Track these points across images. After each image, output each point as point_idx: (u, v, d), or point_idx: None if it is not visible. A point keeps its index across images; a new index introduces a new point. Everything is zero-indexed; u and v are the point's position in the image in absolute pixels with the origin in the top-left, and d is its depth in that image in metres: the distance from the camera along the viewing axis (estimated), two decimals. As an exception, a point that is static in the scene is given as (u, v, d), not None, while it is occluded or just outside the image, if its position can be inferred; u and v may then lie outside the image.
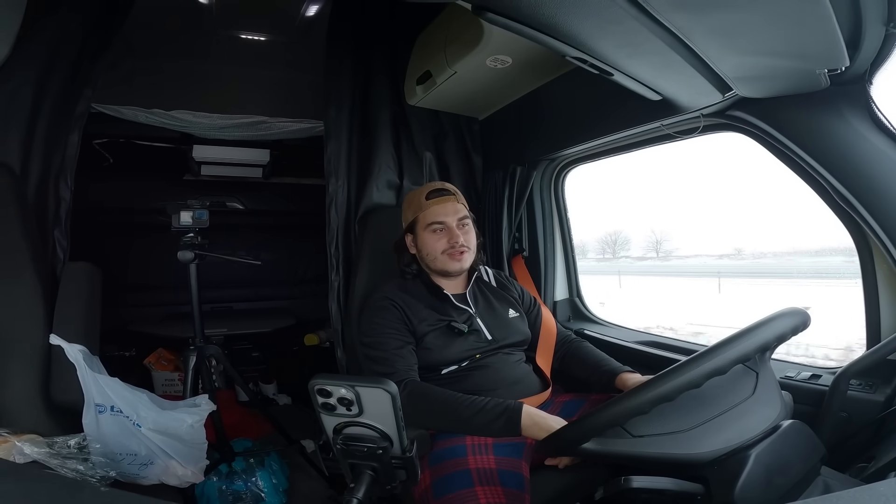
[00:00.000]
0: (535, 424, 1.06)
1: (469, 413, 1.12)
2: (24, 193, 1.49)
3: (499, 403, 1.12)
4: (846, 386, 1.05)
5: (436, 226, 1.40)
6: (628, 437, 0.81)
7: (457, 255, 1.39)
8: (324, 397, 0.64)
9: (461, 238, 1.39)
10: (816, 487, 0.79)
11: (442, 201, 1.41)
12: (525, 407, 1.09)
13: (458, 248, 1.38)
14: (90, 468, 1.22)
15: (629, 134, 1.55)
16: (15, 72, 1.49)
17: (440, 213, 1.40)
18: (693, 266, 8.25)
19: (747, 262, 7.61)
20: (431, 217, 1.40)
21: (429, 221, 1.40)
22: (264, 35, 2.31)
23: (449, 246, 1.39)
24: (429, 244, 1.41)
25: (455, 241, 1.38)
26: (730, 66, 1.00)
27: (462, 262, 1.40)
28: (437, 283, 1.44)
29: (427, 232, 1.41)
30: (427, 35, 1.81)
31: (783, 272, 6.66)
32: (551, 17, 0.87)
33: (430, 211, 1.41)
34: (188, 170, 2.94)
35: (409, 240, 1.46)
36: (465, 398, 1.15)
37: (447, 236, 1.39)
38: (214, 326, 2.54)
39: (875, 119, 1.03)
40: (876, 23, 0.88)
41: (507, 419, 1.08)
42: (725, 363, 0.76)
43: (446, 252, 1.39)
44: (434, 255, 1.40)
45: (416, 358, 1.30)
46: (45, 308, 1.40)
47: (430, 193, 1.43)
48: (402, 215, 1.50)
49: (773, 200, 5.93)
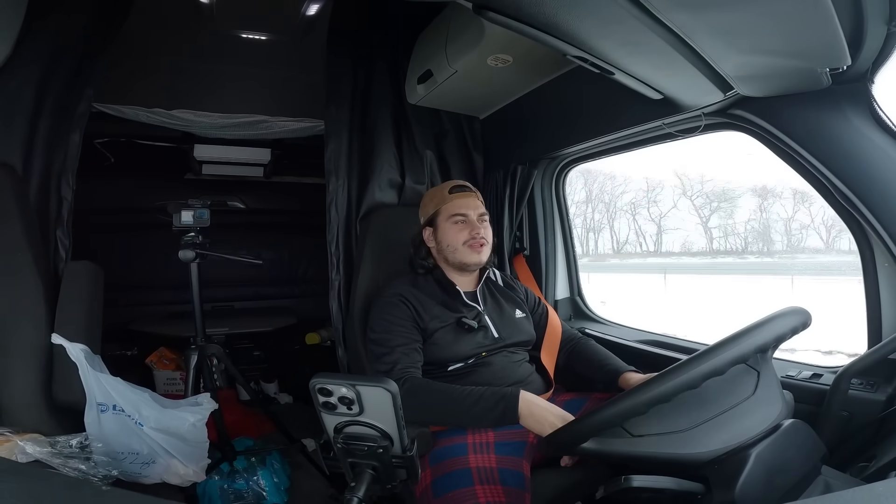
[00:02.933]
0: (531, 415, 1.06)
1: (467, 403, 1.12)
2: (26, 193, 1.49)
3: (496, 392, 1.12)
4: (847, 385, 1.04)
5: (458, 217, 1.43)
6: (628, 436, 0.82)
7: (477, 247, 1.41)
8: (324, 396, 0.64)
9: (482, 231, 1.42)
10: (817, 487, 0.78)
11: (464, 196, 1.45)
12: (523, 393, 1.09)
13: (478, 240, 1.41)
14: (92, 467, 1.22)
15: (630, 133, 1.55)
16: (16, 72, 1.49)
17: (462, 206, 1.43)
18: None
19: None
20: (454, 209, 1.43)
21: (451, 213, 1.43)
22: (265, 34, 2.30)
23: (470, 237, 1.41)
24: (451, 235, 1.43)
25: (476, 232, 1.41)
26: (731, 65, 1.00)
27: (481, 255, 1.42)
28: (451, 278, 1.45)
29: (449, 223, 1.43)
30: (428, 34, 1.81)
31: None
32: (552, 16, 0.87)
33: (452, 203, 1.44)
34: (189, 169, 2.94)
35: (428, 233, 1.48)
36: (463, 389, 1.15)
37: (469, 228, 1.42)
38: (216, 325, 2.54)
39: (877, 118, 1.03)
40: (878, 21, 0.88)
41: (505, 406, 1.08)
42: (724, 363, 0.76)
43: (467, 243, 1.41)
44: (455, 245, 1.42)
45: (421, 356, 1.30)
46: (46, 307, 1.40)
47: (454, 188, 1.47)
48: (421, 210, 1.52)
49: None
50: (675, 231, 10.40)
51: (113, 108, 2.16)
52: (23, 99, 1.50)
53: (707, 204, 9.25)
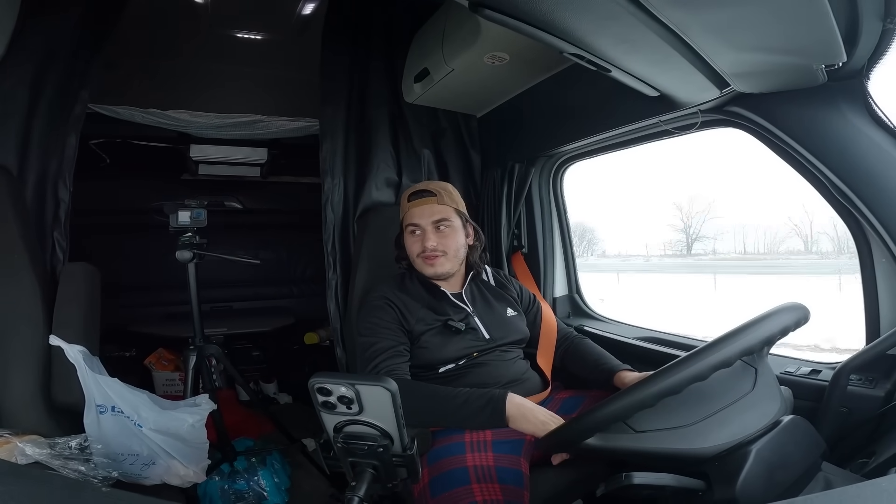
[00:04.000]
0: (522, 416, 1.06)
1: (454, 406, 1.12)
2: (23, 195, 1.49)
3: (483, 394, 1.11)
4: (846, 381, 1.05)
5: (412, 227, 1.40)
6: (631, 432, 0.82)
7: (428, 260, 1.37)
8: (324, 396, 0.64)
9: (431, 242, 1.36)
10: (817, 483, 0.79)
11: (420, 203, 1.39)
12: (510, 395, 1.09)
13: (426, 253, 1.37)
14: (92, 469, 1.22)
15: (627, 130, 1.55)
16: (10, 72, 1.48)
17: (416, 216, 1.39)
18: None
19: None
20: (409, 219, 1.41)
21: (408, 222, 1.41)
22: (261, 33, 2.30)
23: (421, 250, 1.38)
24: (407, 246, 1.42)
25: (428, 242, 1.36)
26: (727, 61, 1.00)
27: (435, 268, 1.38)
28: (434, 281, 1.43)
29: (407, 233, 1.42)
30: (424, 32, 1.81)
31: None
32: (548, 13, 0.87)
33: (409, 213, 1.41)
34: (186, 169, 2.93)
35: (401, 237, 1.47)
36: (451, 391, 1.15)
37: (420, 240, 1.38)
38: (214, 326, 2.54)
39: (872, 114, 1.03)
40: (873, 18, 0.88)
41: (492, 409, 1.08)
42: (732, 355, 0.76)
43: (420, 256, 1.38)
44: (412, 257, 1.41)
45: (407, 358, 1.30)
46: (44, 309, 1.40)
47: (412, 195, 1.42)
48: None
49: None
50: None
51: (108, 109, 2.15)
52: (17, 100, 1.49)
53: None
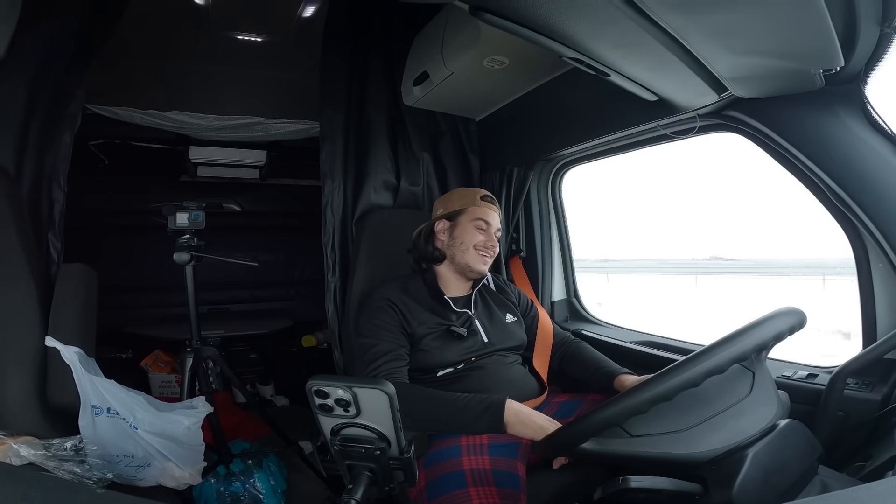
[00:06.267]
0: (520, 422, 1.06)
1: (453, 410, 1.12)
2: (20, 196, 1.48)
3: (482, 400, 1.11)
4: (843, 385, 1.04)
5: (482, 223, 1.46)
6: (627, 436, 0.82)
7: (487, 254, 1.45)
8: (321, 398, 0.64)
9: (493, 240, 1.47)
10: (814, 487, 0.79)
11: (492, 207, 1.51)
12: (508, 402, 1.09)
13: (490, 248, 1.46)
14: (87, 470, 1.21)
15: (626, 134, 1.55)
16: (10, 73, 1.48)
17: (488, 215, 1.48)
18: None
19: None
20: (481, 214, 1.47)
21: (477, 216, 1.47)
22: (260, 36, 2.30)
23: (484, 243, 1.44)
24: (469, 234, 1.45)
25: (491, 241, 1.46)
26: (725, 66, 1.00)
27: (486, 265, 1.47)
28: (441, 285, 1.46)
29: (472, 224, 1.46)
30: (424, 36, 1.81)
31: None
32: (548, 17, 0.87)
33: (482, 209, 1.48)
34: (184, 171, 2.93)
35: (443, 226, 1.49)
36: (449, 396, 1.15)
37: (486, 235, 1.46)
38: (211, 328, 2.53)
39: (870, 119, 1.04)
40: (871, 22, 0.88)
41: (491, 416, 1.07)
42: (725, 361, 0.76)
43: (479, 248, 1.44)
44: (468, 245, 1.45)
45: (407, 361, 1.30)
46: (40, 310, 1.39)
47: (486, 196, 1.52)
48: (443, 203, 1.54)
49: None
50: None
51: (107, 110, 2.14)
52: (16, 100, 1.49)
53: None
